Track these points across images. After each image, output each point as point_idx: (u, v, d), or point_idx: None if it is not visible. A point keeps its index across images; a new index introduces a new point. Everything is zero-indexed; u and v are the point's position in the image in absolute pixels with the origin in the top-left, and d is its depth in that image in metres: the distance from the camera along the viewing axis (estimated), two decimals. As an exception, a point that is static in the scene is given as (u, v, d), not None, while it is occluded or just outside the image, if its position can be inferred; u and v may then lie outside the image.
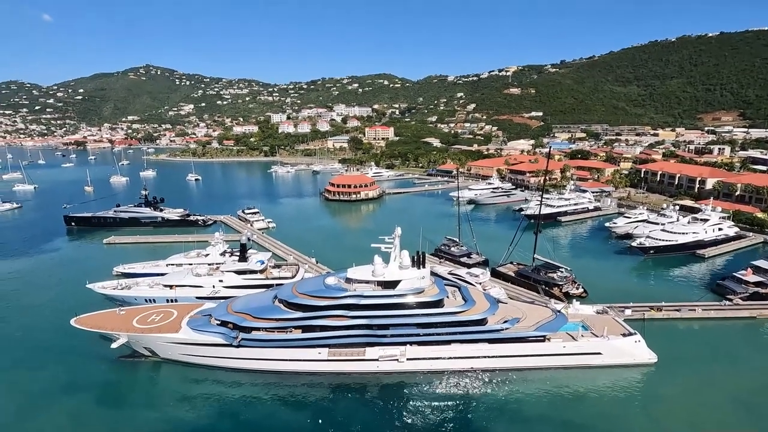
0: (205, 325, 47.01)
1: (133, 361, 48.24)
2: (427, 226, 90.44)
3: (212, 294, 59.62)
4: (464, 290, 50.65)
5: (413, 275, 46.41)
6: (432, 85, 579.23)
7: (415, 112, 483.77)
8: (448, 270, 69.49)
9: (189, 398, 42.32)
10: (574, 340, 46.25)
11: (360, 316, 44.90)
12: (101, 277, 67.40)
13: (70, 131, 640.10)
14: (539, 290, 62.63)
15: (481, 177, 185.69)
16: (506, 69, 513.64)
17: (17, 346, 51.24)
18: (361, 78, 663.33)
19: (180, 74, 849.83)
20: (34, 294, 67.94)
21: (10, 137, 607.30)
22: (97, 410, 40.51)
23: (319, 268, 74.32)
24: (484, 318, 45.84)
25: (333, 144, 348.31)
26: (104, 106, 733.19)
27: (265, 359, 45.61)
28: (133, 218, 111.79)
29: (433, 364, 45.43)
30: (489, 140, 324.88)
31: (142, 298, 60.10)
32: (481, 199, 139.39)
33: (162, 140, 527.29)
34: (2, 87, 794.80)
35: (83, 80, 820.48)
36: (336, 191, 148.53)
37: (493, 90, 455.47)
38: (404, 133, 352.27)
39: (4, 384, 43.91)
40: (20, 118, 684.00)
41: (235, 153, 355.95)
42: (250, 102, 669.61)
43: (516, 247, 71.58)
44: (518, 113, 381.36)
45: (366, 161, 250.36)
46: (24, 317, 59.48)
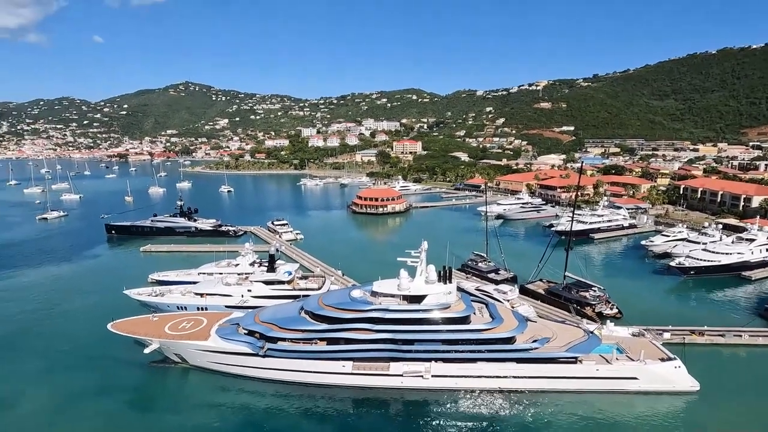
0: (232, 334, 47.85)
1: (164, 367, 49.54)
2: (454, 240, 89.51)
3: (241, 303, 60.78)
4: (492, 307, 49.55)
5: (439, 290, 45.85)
6: (460, 100, 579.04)
7: (443, 126, 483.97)
8: (475, 286, 68.28)
9: (215, 406, 42.97)
10: (608, 363, 44.18)
11: (385, 330, 44.58)
12: (137, 283, 70.05)
13: (114, 144, 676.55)
14: (570, 309, 60.50)
15: (509, 192, 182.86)
16: (536, 83, 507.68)
17: (60, 348, 53.64)
18: (390, 93, 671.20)
19: (216, 90, 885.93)
20: (76, 298, 71.31)
21: (60, 149, 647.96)
22: (129, 413, 41.72)
23: (345, 281, 74.63)
24: (512, 336, 44.59)
25: (361, 158, 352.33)
26: (146, 120, 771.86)
27: (290, 370, 45.86)
28: (168, 228, 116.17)
29: (459, 382, 44.40)
30: (518, 155, 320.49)
31: (174, 305, 61.94)
32: (509, 215, 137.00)
33: (198, 153, 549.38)
34: (55, 103, 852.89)
35: (128, 96, 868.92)
36: (363, 204, 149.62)
37: (522, 104, 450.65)
38: (432, 147, 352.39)
39: (47, 384, 45.92)
40: (70, 132, 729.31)
41: (266, 166, 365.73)
42: (282, 116, 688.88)
43: (546, 264, 69.63)
44: (549, 127, 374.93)
45: (393, 175, 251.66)
46: (66, 320, 62.41)
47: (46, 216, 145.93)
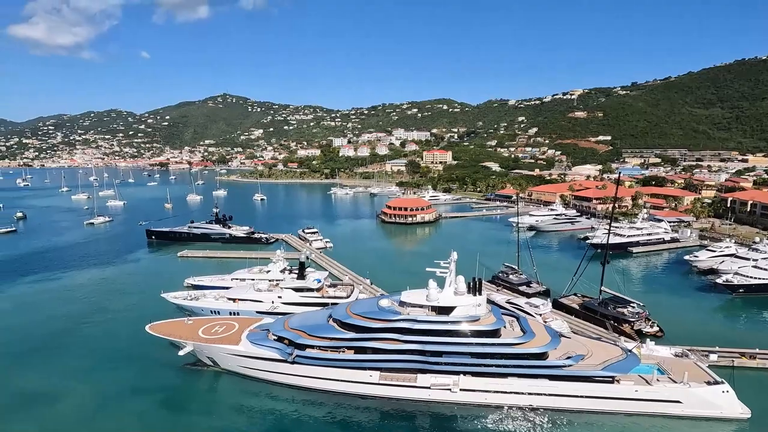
0: (262, 340, 48.68)
1: (197, 369, 50.92)
2: (484, 251, 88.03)
3: (271, 309, 61.90)
4: (523, 321, 48.21)
5: (469, 302, 45.06)
6: (492, 109, 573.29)
7: (474, 136, 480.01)
8: (506, 299, 66.67)
9: (244, 410, 43.70)
10: (648, 384, 41.86)
11: (412, 341, 44.11)
12: (174, 287, 72.72)
13: (156, 154, 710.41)
14: (607, 326, 57.97)
15: (542, 203, 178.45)
16: (571, 92, 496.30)
17: (100, 348, 56.22)
18: (421, 103, 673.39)
19: (252, 102, 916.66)
20: (118, 299, 74.76)
21: (108, 158, 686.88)
22: (163, 413, 43.04)
23: (373, 290, 74.68)
24: (544, 352, 43.12)
25: (391, 167, 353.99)
26: (186, 131, 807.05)
27: (317, 378, 46.08)
28: (204, 234, 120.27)
29: (488, 397, 43.23)
30: (552, 165, 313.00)
31: (208, 309, 63.82)
32: (542, 226, 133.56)
33: (233, 162, 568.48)
34: (104, 115, 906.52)
35: (170, 108, 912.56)
36: (392, 214, 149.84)
37: (556, 113, 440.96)
38: (462, 157, 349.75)
39: (89, 381, 48.14)
40: (116, 142, 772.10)
41: (298, 175, 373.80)
42: (314, 127, 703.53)
43: (580, 278, 67.16)
44: (584, 137, 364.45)
45: (423, 185, 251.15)
46: (108, 320, 65.44)
47: (93, 221, 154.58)
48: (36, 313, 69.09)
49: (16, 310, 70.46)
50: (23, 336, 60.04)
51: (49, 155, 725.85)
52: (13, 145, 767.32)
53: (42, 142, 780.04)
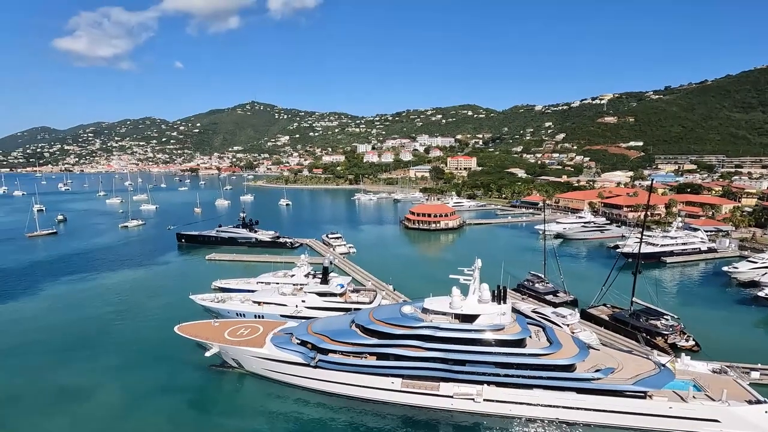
0: (286, 343, 49.21)
1: (222, 371, 51.92)
2: (509, 259, 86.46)
3: (295, 313, 62.55)
4: (549, 331, 46.92)
5: (493, 310, 44.27)
6: (518, 115, 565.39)
7: (499, 142, 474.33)
8: (532, 308, 65.17)
9: (267, 413, 44.22)
10: (683, 401, 39.92)
11: (435, 349, 43.65)
12: (202, 289, 74.63)
13: (187, 159, 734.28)
14: (639, 339, 55.76)
15: (570, 210, 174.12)
16: (601, 97, 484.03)
17: (132, 347, 58.19)
18: (445, 109, 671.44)
19: (279, 109, 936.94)
20: (148, 300, 77.32)
21: (141, 164, 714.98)
22: (189, 412, 44.04)
23: (396, 296, 74.46)
24: (571, 364, 41.80)
25: (415, 173, 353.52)
26: (215, 137, 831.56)
27: (339, 383, 46.19)
28: (231, 238, 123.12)
29: (513, 408, 42.21)
30: (580, 171, 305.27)
31: (234, 312, 65.09)
32: (570, 234, 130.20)
33: (260, 168, 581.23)
34: (139, 122, 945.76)
35: (200, 115, 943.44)
36: (416, 220, 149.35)
37: (585, 119, 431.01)
38: (487, 164, 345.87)
39: (120, 379, 49.87)
40: (150, 148, 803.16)
41: (322, 181, 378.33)
42: (338, 133, 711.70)
43: (610, 288, 64.98)
44: (614, 143, 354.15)
45: (447, 191, 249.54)
46: (139, 321, 67.71)
47: (127, 224, 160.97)
48: (73, 311, 72.28)
49: (56, 309, 73.91)
50: (62, 334, 62.88)
51: (88, 161, 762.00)
52: (56, 152, 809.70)
53: (82, 149, 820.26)
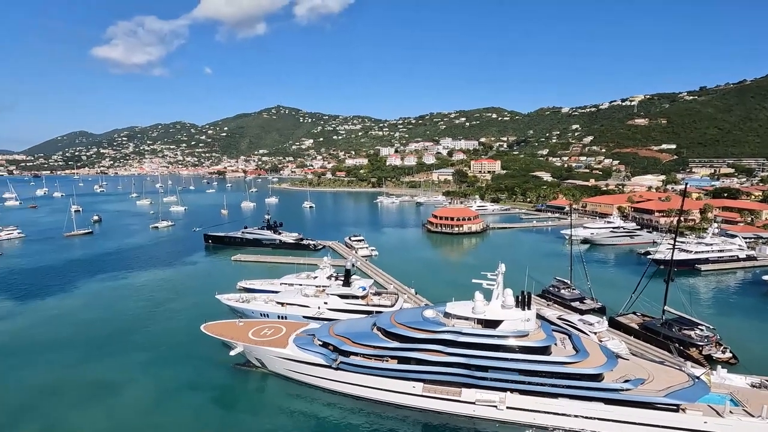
0: (308, 344, 49.64)
1: (246, 370, 52.83)
2: (534, 264, 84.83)
3: (317, 315, 63.07)
4: (575, 339, 45.65)
5: (517, 316, 43.42)
6: (544, 118, 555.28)
7: (524, 145, 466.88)
8: (557, 314, 63.68)
9: (289, 413, 44.69)
10: (719, 416, 38.05)
11: (457, 354, 43.14)
12: (227, 289, 76.26)
13: (214, 162, 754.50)
14: (671, 349, 53.60)
15: (598, 215, 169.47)
16: (631, 98, 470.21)
17: (161, 344, 59.99)
18: (469, 112, 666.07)
19: (303, 113, 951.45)
20: (177, 299, 79.60)
21: (172, 167, 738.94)
22: (213, 409, 44.97)
23: (417, 299, 74.11)
24: (599, 373, 40.51)
25: (437, 176, 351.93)
26: (242, 141, 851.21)
27: (361, 385, 46.22)
28: (256, 239, 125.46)
29: (537, 417, 41.24)
30: (609, 175, 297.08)
31: (258, 312, 66.19)
32: (597, 239, 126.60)
33: (285, 171, 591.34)
34: (170, 126, 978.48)
35: (228, 120, 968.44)
36: (438, 223, 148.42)
37: (614, 121, 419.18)
38: (512, 167, 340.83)
39: (149, 375, 51.46)
40: (180, 152, 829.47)
41: (345, 183, 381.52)
42: (362, 136, 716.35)
43: (640, 296, 62.76)
44: (645, 146, 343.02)
45: (470, 194, 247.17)
46: (168, 319, 69.76)
47: (158, 225, 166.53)
48: (107, 308, 75.16)
49: (90, 306, 77.01)
50: (96, 329, 65.45)
51: (122, 164, 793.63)
52: (93, 155, 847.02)
53: (116, 152, 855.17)
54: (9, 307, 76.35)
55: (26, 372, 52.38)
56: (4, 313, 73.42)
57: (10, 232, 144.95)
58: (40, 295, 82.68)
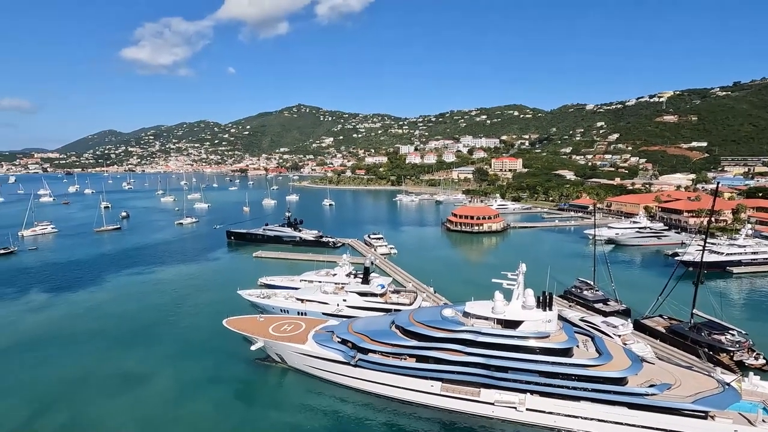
0: (327, 341, 50.09)
1: (266, 365, 53.72)
2: (556, 264, 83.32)
3: (336, 312, 63.59)
4: (598, 341, 44.64)
5: (538, 317, 42.74)
6: (567, 115, 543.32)
7: (547, 143, 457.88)
8: (580, 316, 62.36)
9: (308, 408, 45.20)
10: (752, 424, 36.58)
11: (476, 354, 42.80)
12: (249, 285, 77.68)
13: (237, 160, 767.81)
14: (700, 354, 51.82)
15: (623, 214, 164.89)
16: (659, 94, 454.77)
17: (184, 338, 61.66)
18: (490, 109, 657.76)
19: (324, 111, 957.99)
20: (200, 294, 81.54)
21: (196, 165, 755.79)
22: (234, 403, 45.92)
23: (436, 298, 73.79)
24: (623, 377, 39.49)
25: (458, 175, 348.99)
26: (264, 139, 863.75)
27: (378, 383, 46.40)
28: (277, 236, 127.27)
29: (558, 420, 40.54)
30: (635, 174, 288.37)
31: (278, 308, 67.21)
32: (622, 240, 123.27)
33: (305, 169, 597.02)
34: (195, 125, 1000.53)
35: (250, 118, 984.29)
36: (458, 222, 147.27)
37: (641, 118, 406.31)
38: (534, 165, 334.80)
39: (172, 368, 52.92)
40: (204, 150, 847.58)
41: (365, 182, 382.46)
42: (382, 135, 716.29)
43: (667, 299, 60.82)
44: (674, 143, 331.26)
45: (491, 193, 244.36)
46: (191, 313, 71.57)
47: (182, 221, 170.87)
48: (134, 302, 77.64)
49: (118, 299, 79.70)
50: (123, 322, 67.74)
51: (148, 162, 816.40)
52: (121, 153, 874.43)
53: (143, 150, 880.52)
54: (44, 299, 79.81)
55: (60, 361, 54.67)
56: (40, 305, 76.79)
57: (45, 227, 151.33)
58: (72, 288, 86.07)
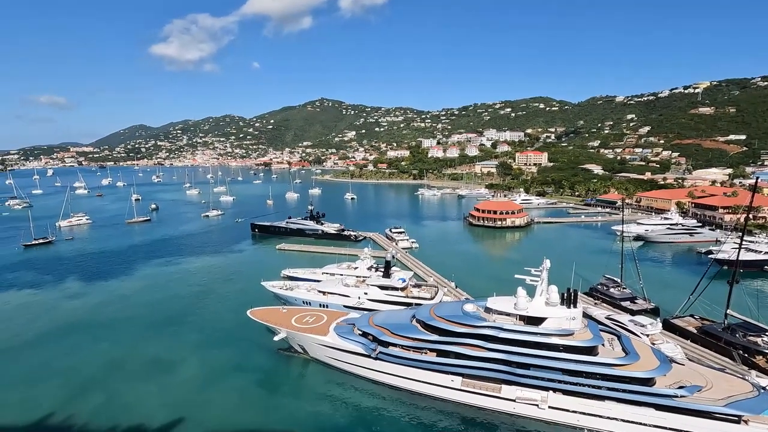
0: (348, 333, 50.58)
1: (289, 355, 54.75)
2: (581, 261, 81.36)
3: (357, 305, 64.05)
4: (625, 340, 43.46)
5: (561, 314, 41.91)
6: (596, 107, 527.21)
7: (573, 136, 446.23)
8: (606, 314, 60.82)
9: (329, 399, 45.90)
10: (788, 431, 35.03)
11: (497, 350, 42.39)
12: (272, 277, 79.16)
13: (261, 154, 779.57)
14: (734, 356, 49.76)
15: (653, 210, 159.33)
16: (695, 85, 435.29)
17: (210, 326, 63.47)
18: (515, 102, 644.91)
19: (346, 105, 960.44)
20: (225, 284, 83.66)
21: (221, 159, 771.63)
22: (257, 391, 47.07)
23: (457, 293, 73.35)
24: (650, 378, 38.38)
25: (481, 169, 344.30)
26: (287, 133, 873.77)
27: (399, 376, 46.61)
28: (299, 229, 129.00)
29: (581, 419, 39.81)
30: (667, 168, 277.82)
31: (300, 300, 68.24)
32: (652, 236, 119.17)
33: (327, 163, 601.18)
34: (220, 120, 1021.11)
35: (274, 113, 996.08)
36: (480, 216, 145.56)
37: (675, 110, 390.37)
38: (560, 159, 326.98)
39: (198, 355, 54.65)
40: (229, 144, 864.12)
41: (387, 176, 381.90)
42: (404, 128, 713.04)
43: (699, 298, 58.55)
44: (710, 136, 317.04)
45: (515, 187, 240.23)
46: (216, 303, 73.55)
47: (208, 214, 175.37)
48: (162, 291, 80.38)
49: (148, 288, 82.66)
50: (153, 310, 70.29)
51: (176, 155, 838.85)
52: (150, 147, 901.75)
53: (172, 144, 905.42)
54: (79, 287, 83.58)
55: (94, 346, 57.28)
56: (75, 293, 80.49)
57: (80, 218, 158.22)
58: (104, 277, 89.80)
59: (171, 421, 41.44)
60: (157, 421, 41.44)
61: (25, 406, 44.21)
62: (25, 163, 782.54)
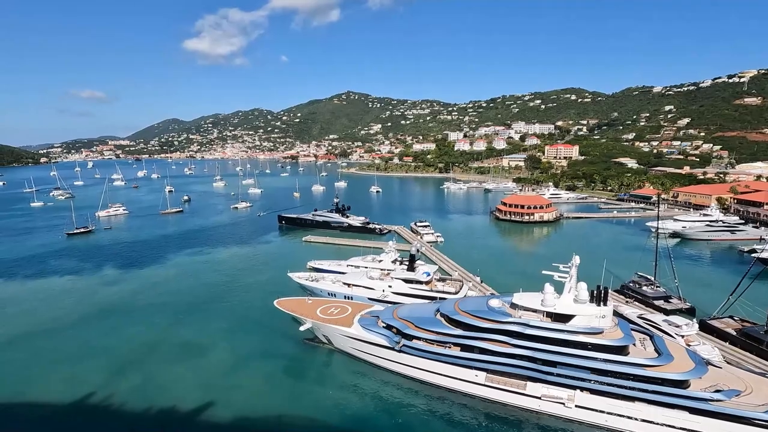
0: (372, 325, 51.00)
1: (314, 345, 55.73)
2: (612, 258, 78.92)
3: (381, 297, 64.39)
4: (658, 340, 41.94)
5: (591, 312, 40.81)
6: (631, 98, 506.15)
7: (607, 128, 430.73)
8: (638, 313, 58.82)
9: (352, 389, 46.49)
10: (836, 441, 33.05)
11: (523, 347, 41.77)
12: (299, 268, 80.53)
13: (288, 147, 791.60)
14: (776, 361, 47.21)
15: (692, 206, 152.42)
16: (740, 74, 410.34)
17: (238, 315, 65.28)
18: (545, 94, 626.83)
19: (373, 98, 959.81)
20: (253, 275, 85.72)
21: (250, 152, 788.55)
22: (282, 379, 48.20)
23: (483, 288, 72.57)
24: (684, 380, 36.96)
25: (508, 162, 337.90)
26: (314, 126, 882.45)
27: (422, 369, 46.69)
28: (325, 222, 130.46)
29: (610, 420, 38.83)
30: (707, 162, 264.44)
31: (325, 291, 69.17)
32: (690, 233, 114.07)
33: (353, 156, 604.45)
34: (249, 113, 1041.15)
35: (301, 106, 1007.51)
36: (507, 211, 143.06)
37: (717, 101, 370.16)
38: (591, 152, 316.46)
39: (227, 342, 56.37)
40: (257, 137, 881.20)
41: (412, 169, 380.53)
42: (430, 121, 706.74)
43: (739, 299, 55.81)
44: (756, 128, 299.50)
45: (543, 181, 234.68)
46: (244, 292, 75.50)
47: (237, 206, 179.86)
48: (193, 279, 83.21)
49: (180, 276, 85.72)
50: (184, 297, 72.88)
51: (207, 149, 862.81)
52: (183, 140, 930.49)
53: (203, 137, 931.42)
54: (117, 274, 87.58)
55: (130, 330, 60.03)
56: (113, 279, 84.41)
57: (117, 209, 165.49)
58: (139, 265, 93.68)
59: (202, 403, 43.07)
60: (188, 403, 43.16)
61: (72, 382, 47.26)
62: (67, 155, 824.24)
